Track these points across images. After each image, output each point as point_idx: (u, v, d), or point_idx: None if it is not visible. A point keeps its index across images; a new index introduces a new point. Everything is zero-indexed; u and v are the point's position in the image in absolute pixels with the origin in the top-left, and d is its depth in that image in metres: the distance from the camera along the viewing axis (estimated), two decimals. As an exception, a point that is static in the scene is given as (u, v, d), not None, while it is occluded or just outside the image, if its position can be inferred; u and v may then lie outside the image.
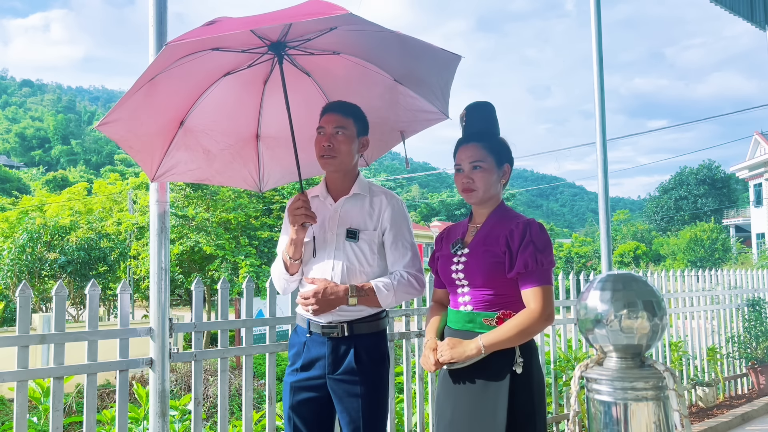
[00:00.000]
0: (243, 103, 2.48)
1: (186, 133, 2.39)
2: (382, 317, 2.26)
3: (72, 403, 6.58)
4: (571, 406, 2.18)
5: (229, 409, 2.76)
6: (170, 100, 2.25)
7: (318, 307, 2.12)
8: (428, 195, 70.81)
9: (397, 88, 2.39)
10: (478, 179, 2.06)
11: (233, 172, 2.62)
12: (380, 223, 2.24)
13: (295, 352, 2.27)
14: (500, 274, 2.00)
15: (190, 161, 2.47)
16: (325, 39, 2.15)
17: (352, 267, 2.19)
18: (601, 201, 4.76)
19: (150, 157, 2.35)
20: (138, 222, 14.46)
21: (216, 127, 2.46)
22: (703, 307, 5.72)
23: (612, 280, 2.14)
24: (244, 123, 2.53)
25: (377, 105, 2.44)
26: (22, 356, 2.23)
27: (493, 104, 2.15)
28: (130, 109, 2.09)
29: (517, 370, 1.95)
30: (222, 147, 2.52)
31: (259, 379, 8.10)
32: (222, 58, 2.21)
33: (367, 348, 2.18)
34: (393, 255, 2.24)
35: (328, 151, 2.20)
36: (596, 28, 4.80)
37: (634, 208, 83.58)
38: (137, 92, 2.02)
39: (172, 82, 2.14)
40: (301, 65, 2.39)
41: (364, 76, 2.37)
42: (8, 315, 11.46)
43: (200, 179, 2.59)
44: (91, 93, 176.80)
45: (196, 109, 2.36)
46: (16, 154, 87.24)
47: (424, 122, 2.50)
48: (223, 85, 2.35)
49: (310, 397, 2.20)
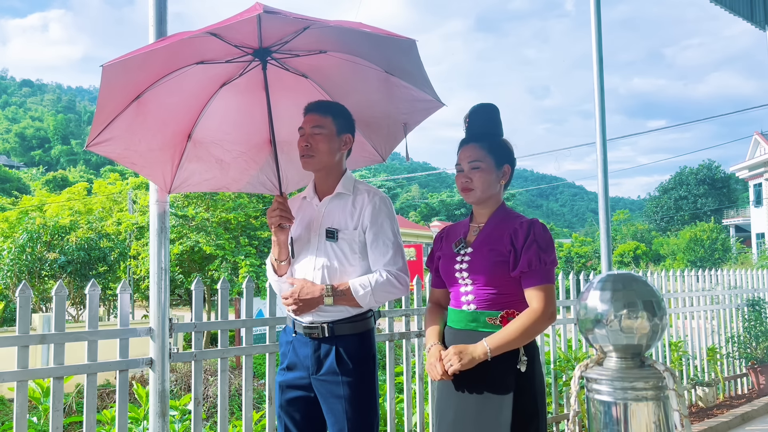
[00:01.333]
0: (247, 110, 2.50)
1: (195, 145, 2.45)
2: (367, 317, 2.22)
3: (72, 403, 6.58)
4: (571, 406, 2.19)
5: (229, 409, 2.76)
6: (167, 115, 2.31)
7: (296, 307, 2.15)
8: (428, 195, 70.81)
9: (390, 80, 2.38)
10: (476, 179, 2.08)
11: (251, 179, 2.64)
12: (361, 222, 2.22)
13: (283, 351, 2.31)
14: (504, 273, 2.01)
15: (205, 171, 2.52)
16: (305, 39, 2.15)
17: (332, 267, 2.18)
18: (601, 201, 4.76)
19: (160, 171, 2.41)
20: (138, 222, 14.46)
21: (224, 137, 2.50)
22: (703, 307, 5.72)
23: (612, 280, 2.15)
24: (253, 130, 2.55)
25: (377, 99, 2.43)
26: (22, 356, 2.23)
27: (496, 106, 2.17)
28: (122, 128, 2.15)
29: (521, 369, 1.96)
30: (235, 155, 2.55)
31: (259, 379, 8.09)
32: (212, 71, 2.26)
33: (349, 349, 2.16)
34: (374, 254, 2.21)
35: (306, 150, 2.23)
36: (596, 28, 4.80)
37: (634, 208, 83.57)
38: (125, 111, 2.11)
39: (163, 98, 2.20)
40: (294, 68, 2.40)
41: (357, 71, 2.36)
42: (8, 315, 11.45)
43: (217, 188, 2.63)
44: (91, 93, 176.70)
45: (201, 121, 2.42)
46: (16, 154, 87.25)
47: (424, 111, 2.48)
48: (222, 96, 2.40)
49: (298, 397, 2.21)
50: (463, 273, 2.07)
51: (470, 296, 2.06)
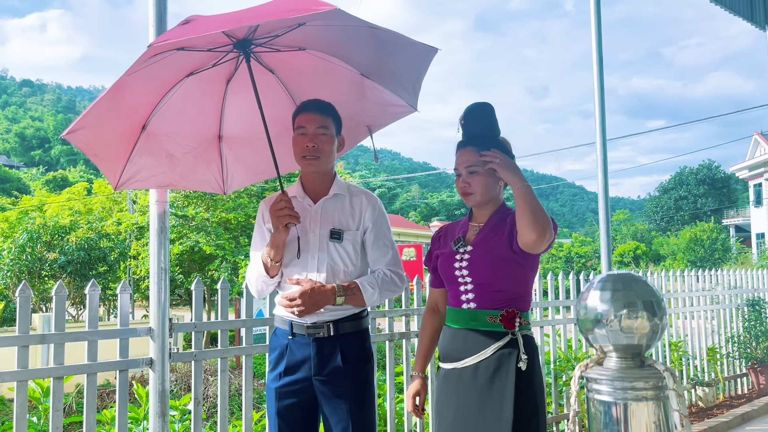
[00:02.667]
0: (204, 104, 2.40)
1: (149, 137, 2.30)
2: (364, 316, 2.26)
3: (72, 403, 6.57)
4: (571, 406, 2.18)
5: (229, 409, 2.76)
6: (134, 103, 2.16)
7: (305, 308, 2.08)
8: (428, 195, 70.82)
9: (364, 83, 2.36)
10: (474, 183, 2.08)
11: (196, 176, 2.55)
12: (362, 223, 2.24)
13: (277, 355, 2.22)
14: (504, 271, 2.01)
15: (153, 167, 2.38)
16: (293, 35, 2.10)
17: (336, 267, 2.18)
18: (601, 201, 4.76)
19: (114, 164, 2.28)
20: (138, 222, 14.44)
21: (178, 130, 2.38)
22: (703, 307, 5.72)
23: (612, 280, 2.15)
24: (206, 124, 2.46)
25: (342, 100, 2.37)
26: (22, 356, 2.23)
27: (491, 105, 2.16)
28: (95, 115, 2.01)
29: (522, 367, 1.95)
30: (185, 150, 2.44)
31: (259, 379, 8.09)
32: (186, 59, 2.12)
33: (353, 347, 2.18)
34: (374, 254, 2.24)
35: (313, 151, 2.16)
36: (596, 28, 4.80)
37: (634, 208, 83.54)
38: (102, 97, 1.95)
39: (136, 84, 2.04)
40: (265, 62, 2.32)
41: (329, 71, 2.33)
42: (8, 315, 11.44)
43: (163, 185, 2.48)
44: (91, 93, 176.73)
45: (158, 112, 2.26)
46: (16, 154, 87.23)
47: (392, 116, 2.49)
48: (185, 87, 2.25)
49: (296, 402, 2.17)
50: (463, 272, 2.07)
51: (470, 295, 2.06)
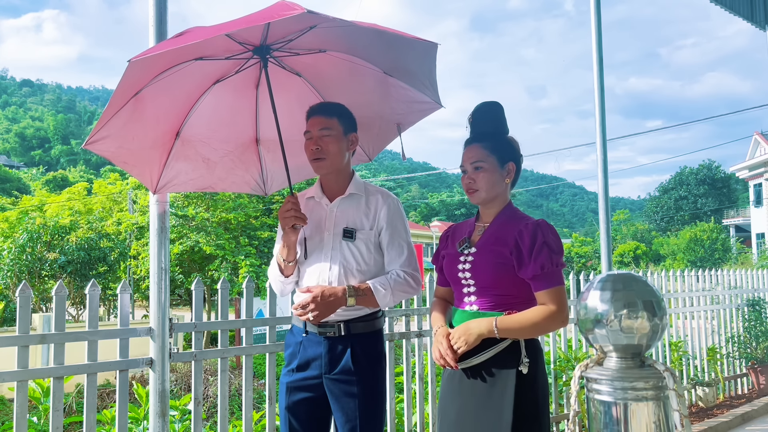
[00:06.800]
0: (237, 109, 2.47)
1: (183, 143, 2.40)
2: (378, 317, 2.25)
3: (72, 403, 6.58)
4: (571, 406, 2.19)
5: (229, 409, 2.76)
6: (161, 112, 2.26)
7: (318, 312, 2.09)
8: (428, 195, 70.84)
9: (388, 81, 2.38)
10: (479, 180, 2.08)
11: (236, 178, 2.62)
12: (377, 223, 2.24)
13: (291, 351, 2.26)
14: (507, 275, 1.99)
15: (191, 171, 2.48)
16: (308, 38, 2.15)
17: (348, 267, 2.18)
18: (601, 201, 4.76)
19: (148, 170, 2.37)
20: (138, 222, 14.45)
21: (213, 135, 2.46)
22: (703, 307, 5.72)
23: (612, 280, 2.15)
24: (241, 129, 2.53)
25: (371, 99, 2.43)
26: (22, 356, 2.23)
27: (500, 104, 2.16)
28: (118, 125, 2.10)
29: (523, 371, 1.94)
30: (222, 154, 2.52)
31: (259, 379, 8.09)
32: (208, 67, 2.22)
33: (364, 348, 2.18)
34: (390, 254, 2.24)
35: (317, 153, 2.21)
36: (596, 28, 4.80)
37: (634, 208, 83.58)
38: (122, 108, 2.04)
39: (159, 95, 2.15)
40: (290, 66, 2.38)
41: (354, 71, 2.36)
42: (8, 315, 11.44)
43: (203, 188, 2.59)
44: (91, 93, 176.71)
45: (190, 119, 2.37)
46: (16, 154, 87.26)
47: (419, 113, 2.50)
48: (214, 94, 2.36)
49: (306, 398, 2.19)
50: (466, 273, 2.06)
51: (473, 297, 2.05)
